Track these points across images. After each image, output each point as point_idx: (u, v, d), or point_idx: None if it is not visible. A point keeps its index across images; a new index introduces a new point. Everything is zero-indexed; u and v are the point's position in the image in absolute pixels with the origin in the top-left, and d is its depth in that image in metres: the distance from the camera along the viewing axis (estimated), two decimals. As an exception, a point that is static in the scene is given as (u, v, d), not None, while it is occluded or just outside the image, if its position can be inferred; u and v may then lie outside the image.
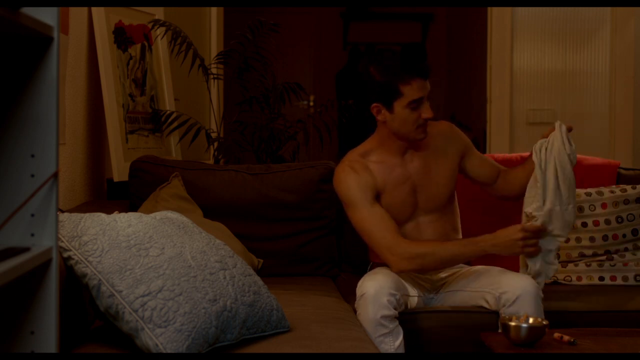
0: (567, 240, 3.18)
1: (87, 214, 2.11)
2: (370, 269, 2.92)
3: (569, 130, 2.75)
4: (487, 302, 2.66)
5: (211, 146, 3.83)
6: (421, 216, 2.86)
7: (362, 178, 2.78)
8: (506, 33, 4.63)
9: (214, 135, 3.85)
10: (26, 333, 1.51)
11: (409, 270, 2.74)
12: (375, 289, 2.52)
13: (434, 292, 2.85)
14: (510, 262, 3.18)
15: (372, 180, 2.79)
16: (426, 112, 2.72)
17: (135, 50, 3.62)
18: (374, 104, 2.75)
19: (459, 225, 2.98)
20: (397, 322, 2.54)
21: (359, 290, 2.59)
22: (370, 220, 2.74)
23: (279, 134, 3.91)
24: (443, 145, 2.91)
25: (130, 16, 3.62)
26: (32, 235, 1.51)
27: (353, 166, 2.81)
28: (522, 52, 4.65)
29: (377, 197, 2.79)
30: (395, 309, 2.53)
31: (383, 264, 2.87)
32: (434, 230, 2.86)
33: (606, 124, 4.62)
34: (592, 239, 3.17)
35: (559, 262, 3.19)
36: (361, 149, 2.88)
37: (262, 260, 3.11)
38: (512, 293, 2.56)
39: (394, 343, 2.52)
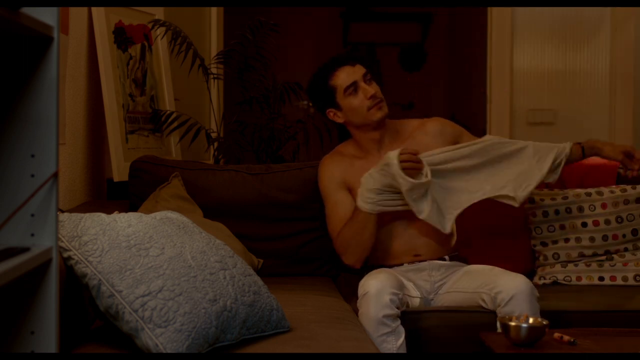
0: (567, 240, 3.18)
1: (87, 214, 2.11)
2: (368, 271, 2.92)
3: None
4: (484, 302, 2.66)
5: (211, 146, 3.83)
6: (411, 214, 2.83)
7: (333, 170, 2.92)
8: (506, 33, 4.63)
9: (214, 135, 3.85)
10: (26, 333, 1.51)
11: (345, 256, 2.84)
12: (378, 288, 2.52)
13: (433, 293, 2.85)
14: (508, 263, 3.19)
15: (341, 172, 2.91)
16: (364, 91, 2.83)
17: (135, 50, 3.62)
18: (327, 111, 2.92)
19: (454, 226, 2.96)
20: (399, 322, 2.54)
21: (361, 289, 2.59)
22: (329, 208, 2.91)
23: (279, 134, 3.91)
24: (428, 140, 2.91)
25: (130, 16, 3.62)
26: (32, 235, 1.50)
27: (330, 159, 2.98)
28: (522, 52, 4.65)
29: (349, 189, 2.89)
30: (397, 308, 2.53)
31: (379, 266, 2.87)
32: (422, 226, 2.83)
33: (606, 124, 4.62)
34: (592, 239, 3.17)
35: (559, 263, 3.19)
36: (341, 147, 3.02)
37: (262, 260, 3.11)
38: (506, 293, 2.56)
39: (396, 342, 2.52)
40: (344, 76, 2.85)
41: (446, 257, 2.88)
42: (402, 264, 2.86)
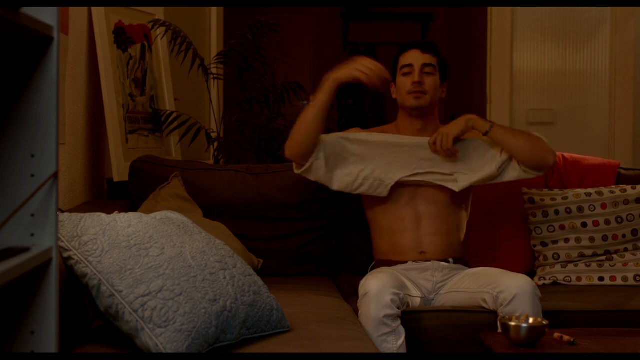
0: (567, 241, 3.18)
1: (87, 214, 2.11)
2: (373, 268, 2.93)
3: None
4: (485, 302, 2.66)
5: (211, 146, 3.83)
6: (421, 205, 2.89)
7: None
8: (506, 33, 4.63)
9: (214, 135, 3.85)
10: (26, 333, 1.51)
11: (293, 144, 2.83)
12: (378, 288, 2.52)
13: (434, 293, 2.85)
14: (508, 263, 3.18)
15: None
16: (413, 76, 2.90)
17: (135, 50, 3.62)
18: (391, 84, 3.00)
19: (464, 226, 2.97)
20: (399, 322, 2.54)
21: (361, 289, 2.59)
22: None
23: (279, 134, 3.91)
24: None
25: (130, 16, 3.62)
26: (32, 235, 1.50)
27: (363, 129, 3.03)
28: (522, 52, 4.65)
29: None
30: (398, 308, 2.53)
31: (387, 262, 2.88)
32: (432, 224, 2.87)
33: (606, 124, 4.62)
34: (592, 239, 3.17)
35: (559, 263, 3.19)
36: (380, 127, 3.07)
37: (262, 260, 3.11)
38: (509, 292, 2.56)
39: (396, 342, 2.52)
40: (409, 56, 2.94)
41: (450, 259, 2.89)
42: (406, 262, 2.87)
